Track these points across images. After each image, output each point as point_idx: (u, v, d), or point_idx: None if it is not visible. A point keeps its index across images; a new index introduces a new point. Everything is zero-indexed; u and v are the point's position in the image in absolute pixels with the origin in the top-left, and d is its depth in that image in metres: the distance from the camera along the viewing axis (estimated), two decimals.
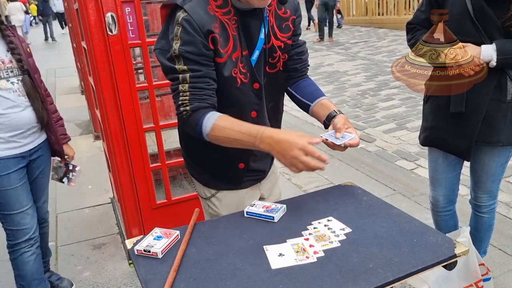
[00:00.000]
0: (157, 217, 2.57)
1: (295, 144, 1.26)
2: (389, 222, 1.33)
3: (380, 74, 7.32)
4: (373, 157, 4.24)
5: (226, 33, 1.37)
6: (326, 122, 1.52)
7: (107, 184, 3.62)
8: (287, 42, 1.50)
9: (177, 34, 1.33)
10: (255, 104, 1.49)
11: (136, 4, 2.23)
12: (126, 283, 2.64)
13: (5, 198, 2.11)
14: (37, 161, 2.25)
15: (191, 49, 1.32)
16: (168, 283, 1.09)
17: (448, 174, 2.13)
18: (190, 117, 1.36)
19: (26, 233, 2.17)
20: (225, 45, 1.37)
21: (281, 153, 1.27)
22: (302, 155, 1.25)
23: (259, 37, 1.43)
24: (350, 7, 14.15)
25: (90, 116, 5.46)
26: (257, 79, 1.45)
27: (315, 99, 1.57)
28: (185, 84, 1.35)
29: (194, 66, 1.33)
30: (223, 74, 1.39)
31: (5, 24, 2.12)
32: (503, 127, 1.91)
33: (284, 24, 1.49)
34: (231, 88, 1.42)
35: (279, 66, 1.52)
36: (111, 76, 2.29)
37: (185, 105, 1.35)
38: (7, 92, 2.04)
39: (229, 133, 1.32)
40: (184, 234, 1.30)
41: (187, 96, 1.35)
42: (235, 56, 1.40)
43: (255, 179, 1.65)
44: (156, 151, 2.59)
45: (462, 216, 2.49)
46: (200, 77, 1.34)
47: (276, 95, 1.58)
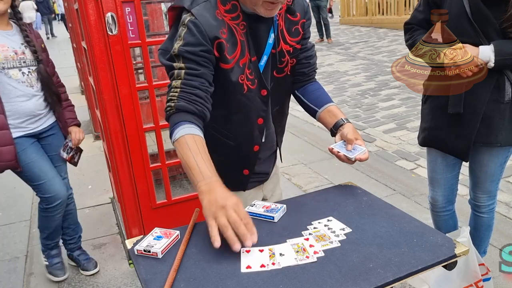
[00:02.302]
0: (157, 217, 2.57)
1: (231, 198, 1.14)
2: (389, 222, 1.33)
3: (380, 74, 7.32)
4: (373, 157, 4.24)
5: (234, 38, 1.34)
6: (333, 130, 1.50)
7: (107, 184, 3.62)
8: (296, 46, 1.47)
9: (181, 34, 1.31)
10: (262, 111, 1.46)
11: (136, 4, 2.23)
12: (126, 283, 2.64)
13: (29, 171, 2.35)
14: (49, 139, 2.49)
15: (191, 49, 1.29)
16: (168, 283, 1.09)
17: (447, 174, 2.14)
18: (172, 115, 1.31)
19: (57, 198, 2.41)
20: (233, 51, 1.34)
21: (211, 201, 1.14)
22: (232, 208, 1.12)
23: (268, 42, 1.40)
24: (350, 7, 14.15)
25: (90, 116, 5.46)
26: (265, 86, 1.43)
27: (323, 105, 1.54)
28: (178, 80, 1.31)
29: (192, 65, 1.30)
30: (230, 80, 1.36)
31: (22, 20, 2.35)
32: (502, 127, 1.91)
33: (294, 28, 1.46)
34: (237, 94, 1.39)
35: (287, 71, 1.49)
36: (111, 76, 2.29)
37: (173, 101, 1.30)
38: (16, 82, 2.26)
39: (187, 156, 1.22)
40: (184, 234, 1.30)
41: (177, 93, 1.30)
42: (243, 62, 1.37)
43: (258, 181, 1.65)
44: (156, 151, 2.59)
45: (462, 216, 2.49)
46: (196, 76, 1.30)
47: (281, 99, 1.55)
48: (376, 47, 9.68)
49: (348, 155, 1.40)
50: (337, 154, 1.41)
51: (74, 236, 2.75)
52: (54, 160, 2.53)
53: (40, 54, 2.36)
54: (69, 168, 2.56)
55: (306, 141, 4.80)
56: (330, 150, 1.46)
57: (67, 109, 2.61)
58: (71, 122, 2.61)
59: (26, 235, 3.25)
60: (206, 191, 1.17)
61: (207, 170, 1.20)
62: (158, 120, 2.46)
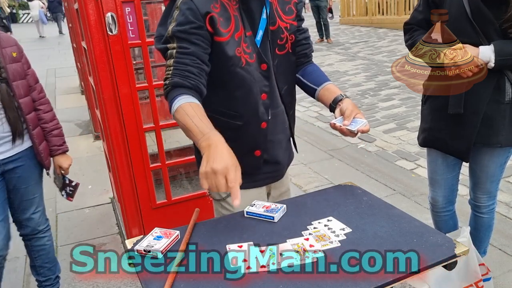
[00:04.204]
0: (157, 217, 2.57)
1: (227, 160, 1.17)
2: (389, 222, 1.33)
3: (380, 74, 7.32)
4: (373, 157, 4.24)
5: (227, 13, 1.40)
6: (332, 105, 1.54)
7: (107, 184, 3.62)
8: (292, 23, 1.53)
9: (174, 16, 1.37)
10: (264, 86, 1.49)
11: (136, 4, 2.23)
12: (126, 283, 2.64)
13: None
14: (16, 171, 2.11)
15: (183, 28, 1.35)
16: (168, 283, 1.09)
17: (447, 175, 2.13)
18: (169, 92, 1.37)
19: None
20: (227, 25, 1.39)
21: (207, 159, 1.18)
22: (222, 174, 1.15)
23: (262, 17, 1.45)
24: (350, 7, 14.15)
25: (90, 116, 5.46)
26: (264, 60, 1.46)
27: (321, 83, 1.59)
28: (171, 59, 1.37)
29: (183, 43, 1.36)
30: (226, 54, 1.40)
31: None
32: (502, 128, 1.91)
33: (287, 7, 1.53)
34: (236, 68, 1.42)
35: (288, 48, 1.54)
36: (111, 76, 2.29)
37: (168, 79, 1.37)
38: None
39: (186, 121, 1.28)
40: (184, 234, 1.30)
41: (170, 71, 1.36)
42: (238, 36, 1.41)
43: (272, 176, 1.63)
44: (156, 151, 2.58)
45: (462, 216, 2.49)
46: (187, 54, 1.35)
47: (289, 78, 1.60)
48: (376, 47, 9.68)
49: (350, 128, 1.41)
50: (339, 128, 1.43)
51: (49, 277, 2.40)
52: (23, 194, 2.16)
53: (5, 70, 1.98)
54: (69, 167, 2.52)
55: (306, 141, 4.80)
56: (332, 125, 1.48)
57: (52, 134, 2.23)
58: (56, 151, 2.26)
59: None
60: (206, 145, 1.22)
61: (204, 126, 1.26)
62: (158, 120, 2.46)
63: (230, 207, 1.59)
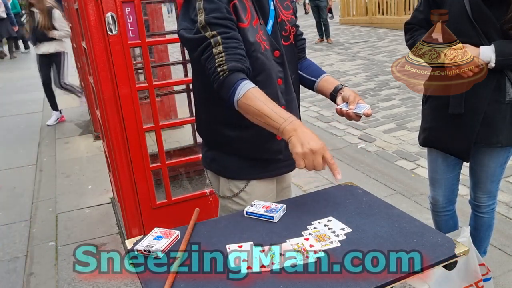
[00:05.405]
0: (157, 217, 2.57)
1: (320, 141, 1.25)
2: (389, 222, 1.33)
3: (380, 74, 7.32)
4: (373, 157, 4.24)
5: (243, 3, 1.45)
6: (333, 94, 1.60)
7: (107, 184, 3.62)
8: (292, 17, 1.62)
9: (200, 7, 1.38)
10: (279, 71, 1.53)
11: (136, 4, 2.23)
12: (126, 283, 2.64)
13: None
14: None
15: (216, 14, 1.36)
16: (168, 283, 1.09)
17: (448, 175, 2.13)
18: (227, 77, 1.35)
19: None
20: (245, 14, 1.44)
21: (301, 141, 1.24)
22: (320, 154, 1.24)
23: (270, 8, 1.51)
24: (350, 7, 14.15)
25: (90, 116, 5.46)
26: (276, 47, 1.51)
27: (319, 75, 1.68)
28: (219, 46, 1.36)
29: (223, 29, 1.37)
30: (248, 39, 1.43)
31: None
32: (503, 128, 1.91)
33: (285, 3, 1.61)
34: (257, 53, 1.46)
35: (292, 39, 1.60)
36: (111, 76, 2.29)
37: (223, 65, 1.35)
38: None
39: (261, 106, 1.31)
40: (184, 234, 1.30)
41: (223, 57, 1.35)
42: (255, 23, 1.47)
43: (287, 163, 1.63)
44: (156, 151, 2.58)
45: (462, 216, 2.49)
46: (231, 37, 1.37)
47: (295, 68, 1.66)
48: (376, 47, 9.68)
49: (356, 111, 1.49)
50: (346, 112, 1.49)
51: None
52: None
53: None
54: (69, 168, 2.53)
55: None
56: (338, 111, 1.53)
57: None
58: None
59: (26, 235, 3.24)
60: (292, 129, 1.27)
61: (284, 112, 1.32)
62: (158, 120, 2.46)
63: (242, 202, 1.59)
